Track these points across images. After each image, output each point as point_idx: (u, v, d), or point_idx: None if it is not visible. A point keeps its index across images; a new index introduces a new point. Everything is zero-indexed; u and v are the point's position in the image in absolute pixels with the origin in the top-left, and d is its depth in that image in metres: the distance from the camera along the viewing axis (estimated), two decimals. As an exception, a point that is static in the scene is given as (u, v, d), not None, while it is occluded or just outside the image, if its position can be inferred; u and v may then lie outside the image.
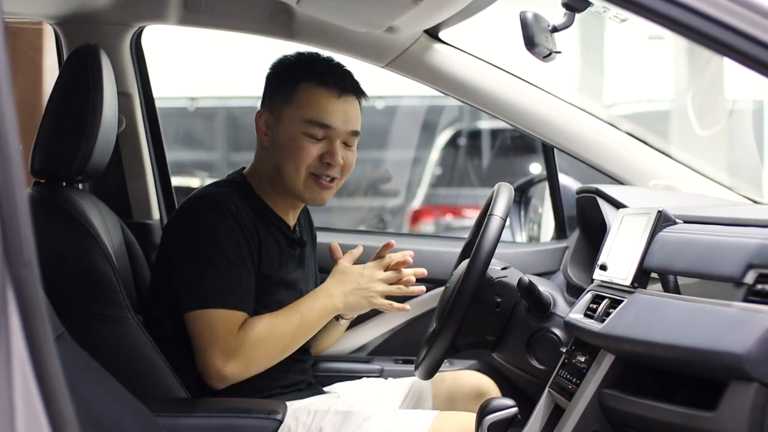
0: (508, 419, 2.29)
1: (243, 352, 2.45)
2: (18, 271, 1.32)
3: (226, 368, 2.45)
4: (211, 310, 2.46)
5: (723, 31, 1.61)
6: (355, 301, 2.61)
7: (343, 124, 2.63)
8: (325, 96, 2.63)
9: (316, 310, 2.57)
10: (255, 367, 2.49)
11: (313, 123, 2.61)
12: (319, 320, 2.59)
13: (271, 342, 2.49)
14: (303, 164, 2.61)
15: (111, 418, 2.04)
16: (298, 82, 2.64)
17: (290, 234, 2.71)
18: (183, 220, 2.61)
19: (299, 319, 2.54)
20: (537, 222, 4.04)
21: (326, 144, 2.62)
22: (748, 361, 1.65)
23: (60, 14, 3.12)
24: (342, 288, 2.60)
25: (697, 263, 1.98)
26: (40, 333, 1.35)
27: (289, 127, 2.62)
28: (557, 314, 2.60)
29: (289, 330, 2.53)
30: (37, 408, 1.32)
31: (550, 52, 2.32)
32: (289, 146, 2.62)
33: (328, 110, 2.62)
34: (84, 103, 2.54)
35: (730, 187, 3.16)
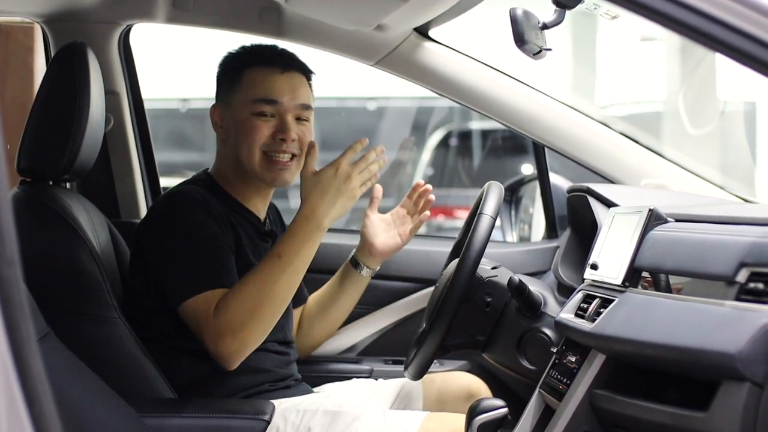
0: (498, 420, 2.27)
1: (224, 326, 2.39)
2: (0, 270, 1.30)
3: (221, 348, 2.40)
4: (192, 300, 2.44)
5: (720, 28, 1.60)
6: (340, 208, 2.47)
7: (291, 99, 2.64)
8: (269, 74, 2.65)
9: (298, 243, 2.45)
10: (247, 334, 2.41)
11: (259, 101, 2.62)
12: (304, 253, 2.46)
13: (251, 302, 2.40)
14: (256, 144, 2.61)
15: (96, 419, 2.03)
16: (242, 69, 2.67)
17: (260, 226, 2.71)
18: (154, 220, 2.62)
19: (278, 264, 2.43)
20: (527, 222, 4.03)
21: (277, 121, 2.63)
22: (740, 361, 1.64)
23: (47, 12, 3.10)
24: (323, 200, 2.45)
25: (688, 262, 1.96)
26: (23, 332, 1.34)
27: (238, 111, 2.64)
28: (548, 314, 2.58)
29: (268, 281, 2.42)
30: (20, 409, 1.30)
31: (540, 50, 2.30)
32: (240, 129, 2.63)
33: (272, 86, 2.63)
34: (70, 101, 2.53)
35: (722, 185, 3.15)
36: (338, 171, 2.45)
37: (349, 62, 3.07)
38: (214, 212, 2.53)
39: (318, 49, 3.12)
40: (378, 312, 3.23)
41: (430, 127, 9.87)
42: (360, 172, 2.47)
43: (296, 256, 2.44)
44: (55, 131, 2.52)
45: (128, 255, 2.86)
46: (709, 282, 1.96)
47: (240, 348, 2.42)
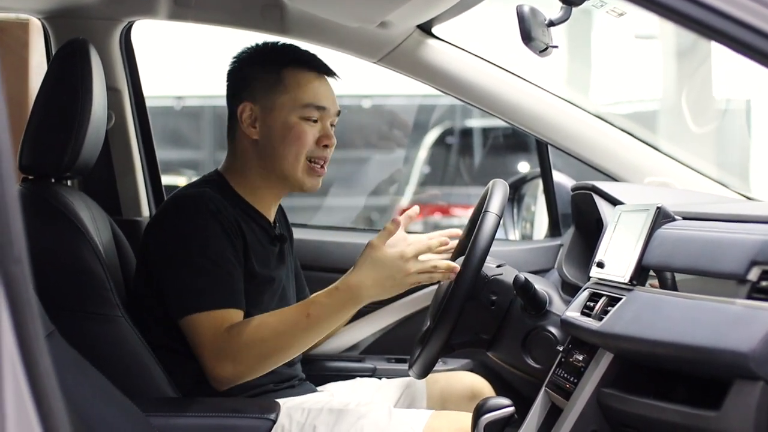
0: (505, 419, 2.26)
1: (231, 353, 2.39)
2: (8, 268, 1.29)
3: (217, 370, 2.40)
4: (196, 315, 2.43)
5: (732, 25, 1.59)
6: (384, 292, 2.40)
7: (333, 105, 2.64)
8: (313, 78, 2.63)
9: (331, 310, 2.39)
10: (248, 368, 2.41)
11: (309, 106, 2.60)
12: (333, 321, 2.42)
13: (264, 345, 2.39)
14: (303, 150, 2.59)
15: (102, 418, 2.01)
16: (280, 68, 2.62)
17: (271, 230, 2.68)
18: (162, 225, 2.57)
19: (304, 322, 2.39)
20: (530, 220, 4.01)
21: (320, 126, 2.62)
22: (753, 360, 1.63)
23: (48, 9, 3.09)
24: (374, 283, 2.36)
25: (698, 260, 1.95)
26: (31, 331, 1.32)
27: (284, 114, 2.60)
28: (553, 312, 2.57)
29: (288, 333, 2.40)
30: (28, 408, 1.29)
31: (546, 47, 2.29)
32: (287, 133, 2.59)
33: (319, 92, 2.62)
34: (73, 98, 2.51)
35: (725, 183, 3.15)
36: (402, 260, 2.36)
37: (344, 60, 3.06)
38: (226, 221, 2.49)
39: (321, 46, 3.10)
40: (380, 310, 3.22)
41: (427, 126, 9.87)
42: (420, 273, 2.38)
43: (325, 320, 2.40)
44: (57, 128, 2.51)
45: (130, 253, 2.85)
46: (716, 280, 1.96)
47: (235, 378, 2.42)
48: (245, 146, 2.64)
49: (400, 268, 2.36)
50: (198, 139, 11.13)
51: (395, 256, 2.36)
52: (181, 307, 2.45)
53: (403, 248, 2.37)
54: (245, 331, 2.39)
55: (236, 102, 2.64)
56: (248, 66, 2.67)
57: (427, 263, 2.38)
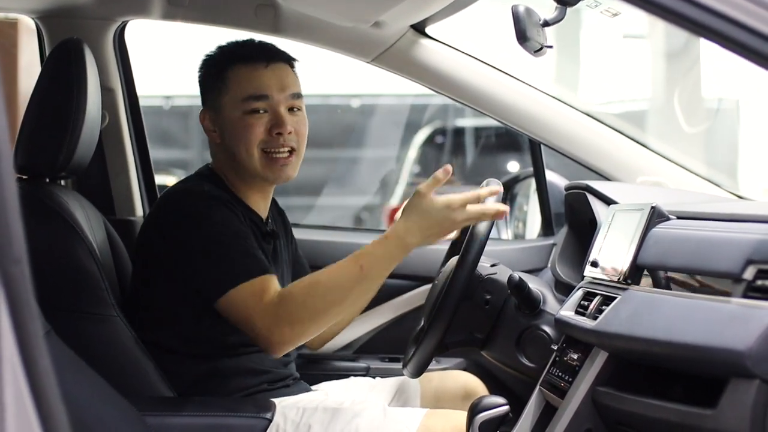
0: (500, 417, 2.27)
1: (283, 315, 2.33)
2: (7, 268, 1.29)
3: (275, 336, 2.34)
4: (233, 291, 2.38)
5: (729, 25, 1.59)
6: (429, 239, 2.36)
7: (280, 91, 2.60)
8: (253, 69, 2.60)
9: (382, 259, 2.36)
10: (306, 328, 2.36)
11: (249, 99, 2.58)
12: (384, 270, 2.37)
13: (317, 302, 2.34)
14: (253, 143, 2.57)
15: (98, 418, 2.02)
16: (224, 69, 2.63)
17: (263, 226, 2.67)
18: (167, 219, 2.54)
19: (356, 274, 2.34)
20: (522, 219, 4.02)
21: (270, 115, 2.59)
22: (749, 358, 1.64)
23: (42, 8, 3.09)
24: (421, 229, 2.34)
25: (693, 259, 1.96)
26: (31, 331, 1.33)
27: (229, 112, 2.60)
28: (547, 311, 2.58)
29: (341, 286, 2.35)
30: (28, 408, 1.29)
31: (541, 47, 2.30)
32: (235, 130, 2.58)
33: (259, 81, 2.59)
34: (68, 98, 2.51)
35: (718, 183, 3.16)
36: (449, 209, 2.32)
37: (333, 59, 3.06)
38: (231, 204, 2.51)
39: (314, 45, 3.11)
40: (374, 310, 3.21)
41: (417, 125, 9.88)
42: (466, 220, 2.35)
43: (376, 270, 2.37)
44: (52, 128, 2.50)
45: (124, 252, 2.84)
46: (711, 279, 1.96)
47: (293, 340, 2.37)
48: (216, 150, 2.67)
49: (446, 216, 2.32)
50: (187, 139, 11.12)
51: (443, 205, 2.33)
52: (216, 288, 2.40)
53: (450, 196, 2.34)
54: (299, 292, 2.36)
55: (201, 110, 2.68)
56: (201, 73, 2.70)
57: (473, 211, 2.34)
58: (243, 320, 2.39)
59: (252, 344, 2.48)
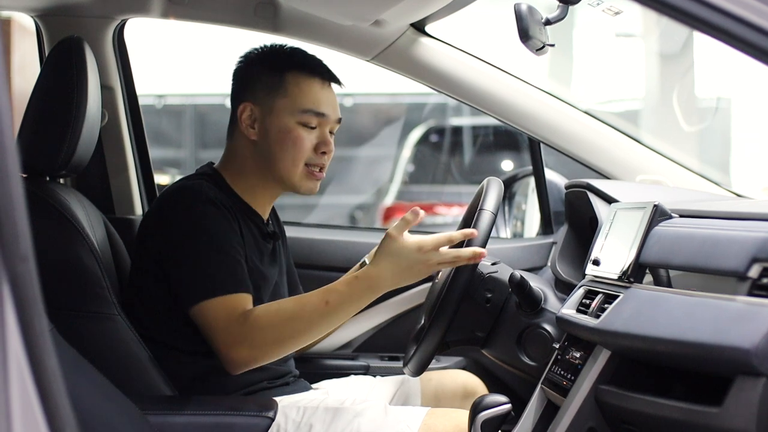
0: (502, 416, 2.27)
1: (246, 337, 2.36)
2: (14, 266, 1.29)
3: (232, 354, 2.38)
4: (207, 301, 2.41)
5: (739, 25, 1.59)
6: (401, 281, 2.37)
7: (333, 112, 2.63)
8: (314, 84, 2.61)
9: (349, 299, 2.37)
10: (264, 352, 2.39)
11: (308, 112, 2.59)
12: (350, 310, 2.39)
13: (281, 330, 2.37)
14: (301, 156, 2.58)
15: (101, 416, 2.01)
16: (283, 72, 2.61)
17: (264, 227, 2.68)
18: (162, 216, 2.55)
19: (322, 309, 2.37)
20: (520, 218, 4.02)
21: (319, 133, 2.61)
22: (756, 356, 1.64)
23: (42, 6, 3.08)
24: (392, 274, 2.35)
25: (696, 257, 1.96)
26: (37, 329, 1.33)
27: (282, 118, 2.59)
28: (548, 310, 2.58)
29: (305, 319, 2.37)
30: (34, 405, 1.29)
31: (543, 45, 2.30)
32: (284, 138, 2.58)
33: (320, 99, 2.61)
34: (68, 96, 2.51)
35: (717, 181, 3.16)
36: (421, 252, 2.33)
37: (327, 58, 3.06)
38: (225, 209, 2.50)
39: (314, 44, 3.10)
40: (374, 308, 3.21)
41: (410, 124, 9.88)
42: (439, 263, 2.35)
43: (342, 309, 2.38)
44: (52, 126, 2.50)
45: (124, 251, 2.84)
46: (712, 277, 1.96)
47: (250, 361, 2.40)
48: (243, 146, 2.64)
49: (418, 259, 2.33)
50: (179, 138, 11.12)
51: (414, 248, 2.34)
52: (192, 295, 2.43)
53: (422, 239, 2.35)
54: (263, 316, 2.38)
55: (238, 101, 2.64)
56: (252, 66, 2.67)
57: (447, 254, 2.34)
58: (208, 332, 2.42)
59: None
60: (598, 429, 2.17)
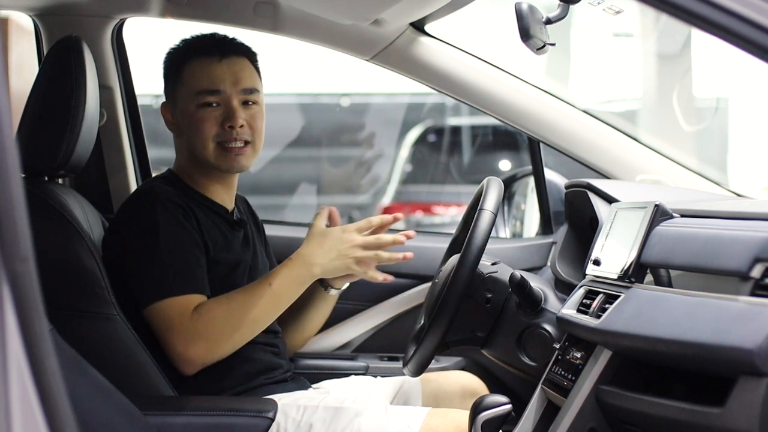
0: (502, 416, 2.26)
1: (201, 332, 2.42)
2: (14, 266, 1.28)
3: (188, 351, 2.43)
4: (160, 302, 2.45)
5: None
6: (334, 267, 2.54)
7: (233, 85, 2.64)
8: (207, 63, 2.65)
9: (289, 279, 2.51)
10: (219, 345, 2.45)
11: (201, 93, 2.63)
12: (293, 290, 2.54)
13: (233, 318, 2.45)
14: (207, 136, 2.62)
15: (101, 417, 2.01)
16: (182, 62, 2.67)
17: (229, 216, 2.71)
18: (117, 223, 2.63)
19: (267, 292, 2.49)
20: (519, 218, 4.01)
21: (223, 109, 2.63)
22: (759, 356, 1.63)
23: (40, 5, 3.07)
24: (321, 251, 2.52)
25: (698, 257, 1.95)
26: (37, 329, 1.32)
27: (184, 105, 2.65)
28: (548, 310, 2.57)
29: (254, 304, 2.48)
30: (34, 406, 1.28)
31: (543, 44, 2.29)
32: (189, 123, 2.64)
33: (212, 75, 2.64)
34: (67, 96, 2.51)
35: (717, 181, 3.16)
36: (344, 233, 2.54)
37: (323, 58, 3.05)
38: (178, 209, 2.54)
39: (313, 43, 3.10)
40: (373, 309, 3.22)
41: (407, 124, 9.88)
42: (364, 249, 2.54)
43: (285, 290, 2.51)
44: (51, 126, 2.50)
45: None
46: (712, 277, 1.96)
47: (207, 355, 2.45)
48: (178, 144, 2.73)
49: (342, 238, 2.52)
50: (176, 138, 11.10)
51: (337, 229, 2.55)
52: (145, 298, 2.47)
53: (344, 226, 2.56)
54: (212, 308, 2.45)
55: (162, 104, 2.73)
56: (163, 66, 2.75)
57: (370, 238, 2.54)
58: (163, 333, 2.46)
59: None
60: (599, 429, 2.16)
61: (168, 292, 2.45)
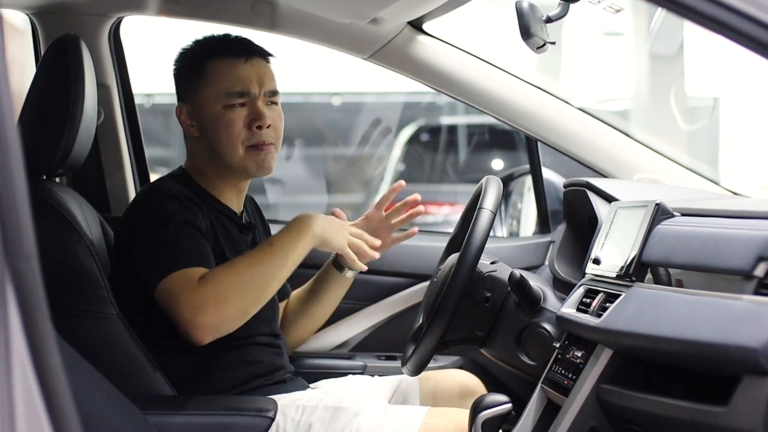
0: (502, 416, 2.25)
1: (208, 296, 2.36)
2: (18, 265, 1.28)
3: (196, 317, 2.35)
4: (167, 278, 2.40)
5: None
6: (331, 233, 2.56)
7: (259, 87, 2.63)
8: (233, 64, 2.63)
9: (288, 236, 2.50)
10: (227, 309, 2.38)
11: (231, 94, 2.60)
12: (293, 246, 2.49)
13: (239, 280, 2.40)
14: (236, 138, 2.59)
15: (101, 417, 2.00)
16: (203, 62, 2.64)
17: (238, 220, 2.70)
18: (128, 219, 2.59)
19: (269, 251, 2.47)
20: (516, 217, 4.01)
21: (249, 110, 2.61)
22: (763, 355, 1.63)
23: (37, 4, 3.07)
24: (318, 217, 2.54)
25: (700, 256, 1.95)
26: (41, 329, 1.32)
27: (209, 106, 2.61)
28: (548, 309, 2.57)
29: (257, 263, 2.44)
30: (38, 407, 1.27)
31: (543, 43, 2.29)
32: (216, 125, 2.60)
33: (240, 77, 2.61)
34: (65, 94, 2.50)
35: (715, 180, 3.16)
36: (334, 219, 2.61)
37: (314, 57, 3.04)
38: (191, 202, 2.52)
39: (311, 42, 3.10)
40: (370, 308, 3.21)
41: (400, 123, 9.87)
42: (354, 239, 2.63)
43: (288, 249, 2.47)
44: (49, 124, 2.49)
45: (118, 250, 2.84)
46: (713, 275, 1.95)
47: (218, 321, 2.37)
48: (193, 145, 2.68)
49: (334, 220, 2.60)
50: (168, 137, 11.10)
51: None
52: (154, 277, 2.43)
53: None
54: (216, 273, 2.40)
55: (178, 104, 2.69)
56: (178, 67, 2.71)
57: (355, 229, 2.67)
58: (171, 306, 2.40)
59: (245, 336, 2.53)
60: (599, 428, 2.16)
61: (174, 267, 2.41)
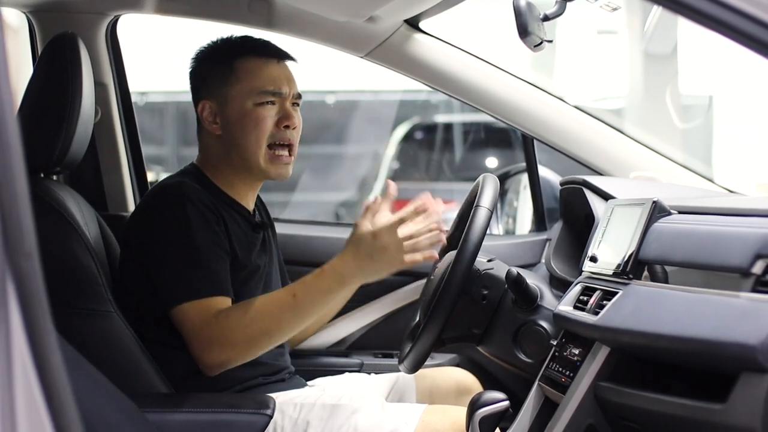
0: (500, 413, 2.26)
1: (218, 338, 2.38)
2: (18, 263, 1.28)
3: (206, 356, 2.40)
4: (184, 305, 2.42)
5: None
6: (372, 274, 2.38)
7: (289, 88, 2.65)
8: (265, 63, 2.64)
9: (316, 291, 2.38)
10: (237, 352, 2.40)
11: (264, 93, 2.60)
12: (319, 302, 2.39)
13: (251, 328, 2.38)
14: (264, 135, 2.59)
15: (99, 415, 2.00)
16: (233, 60, 2.64)
17: (251, 218, 2.69)
18: (144, 218, 2.58)
19: (290, 303, 2.39)
20: (512, 215, 4.02)
21: (279, 108, 2.62)
22: (761, 352, 1.64)
23: (34, 2, 3.06)
24: (355, 261, 2.35)
25: (698, 254, 1.96)
26: (42, 326, 1.32)
27: (239, 103, 2.61)
28: (544, 307, 2.58)
29: (273, 314, 2.39)
30: (39, 404, 1.28)
31: (541, 41, 2.29)
32: (245, 121, 2.60)
33: (274, 77, 2.62)
34: (63, 92, 2.50)
35: (710, 178, 3.16)
36: (375, 239, 2.34)
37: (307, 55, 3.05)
38: (207, 210, 2.50)
39: (308, 40, 3.10)
40: (367, 306, 3.21)
41: (394, 121, 9.88)
42: (404, 242, 2.35)
43: (310, 302, 2.40)
44: (47, 123, 2.49)
45: (117, 248, 2.83)
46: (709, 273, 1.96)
47: (224, 362, 2.41)
48: (211, 143, 2.66)
49: (377, 246, 2.34)
50: (162, 135, 11.10)
51: (369, 235, 2.35)
52: (170, 298, 2.44)
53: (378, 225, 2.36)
54: (232, 315, 2.40)
55: (197, 101, 2.67)
56: (203, 63, 2.69)
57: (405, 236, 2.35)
58: (185, 334, 2.43)
59: None
60: (597, 425, 2.17)
61: (192, 295, 2.42)
